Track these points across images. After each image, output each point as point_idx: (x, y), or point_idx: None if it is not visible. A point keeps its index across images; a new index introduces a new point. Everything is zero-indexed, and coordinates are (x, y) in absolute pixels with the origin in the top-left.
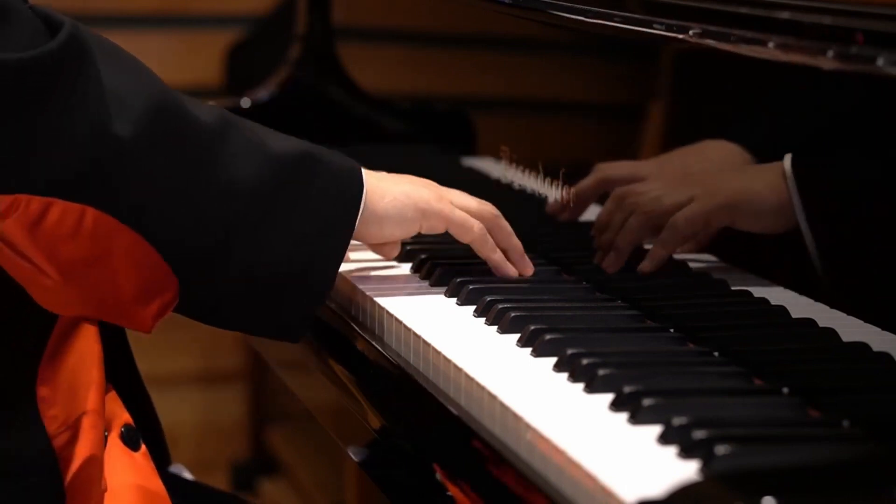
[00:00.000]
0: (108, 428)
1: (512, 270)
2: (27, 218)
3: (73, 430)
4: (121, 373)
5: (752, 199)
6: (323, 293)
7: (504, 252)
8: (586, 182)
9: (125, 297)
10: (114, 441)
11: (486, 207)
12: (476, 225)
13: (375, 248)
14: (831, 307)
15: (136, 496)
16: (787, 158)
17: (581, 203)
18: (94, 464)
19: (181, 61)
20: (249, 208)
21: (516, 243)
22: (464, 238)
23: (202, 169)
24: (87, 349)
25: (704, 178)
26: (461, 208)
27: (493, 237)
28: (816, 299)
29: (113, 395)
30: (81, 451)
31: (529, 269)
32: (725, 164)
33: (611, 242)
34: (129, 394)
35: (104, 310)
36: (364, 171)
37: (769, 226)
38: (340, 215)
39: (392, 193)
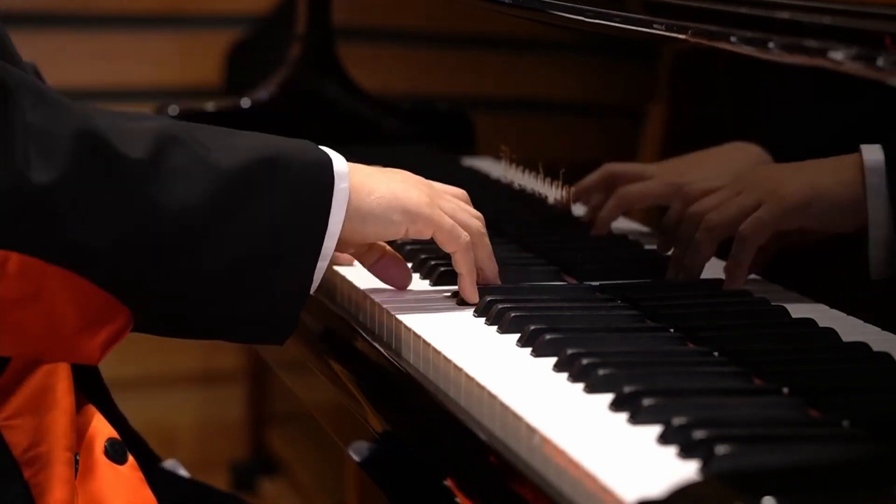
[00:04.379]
0: (90, 445)
1: (474, 297)
2: None
3: (43, 460)
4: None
5: (824, 196)
6: (294, 302)
7: (479, 271)
8: (591, 178)
9: (67, 330)
10: (99, 457)
11: (476, 223)
12: (464, 236)
13: (360, 256)
14: (831, 307)
15: None
16: (867, 150)
17: (583, 198)
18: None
19: (181, 61)
20: (196, 229)
21: (493, 266)
22: (448, 247)
23: (135, 202)
24: (52, 377)
25: (765, 179)
26: (451, 217)
27: (474, 252)
28: (816, 299)
29: (94, 411)
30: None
31: (476, 299)
32: (758, 165)
33: (680, 258)
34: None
35: (44, 346)
36: (350, 166)
37: (838, 225)
38: (305, 220)
39: (380, 191)
